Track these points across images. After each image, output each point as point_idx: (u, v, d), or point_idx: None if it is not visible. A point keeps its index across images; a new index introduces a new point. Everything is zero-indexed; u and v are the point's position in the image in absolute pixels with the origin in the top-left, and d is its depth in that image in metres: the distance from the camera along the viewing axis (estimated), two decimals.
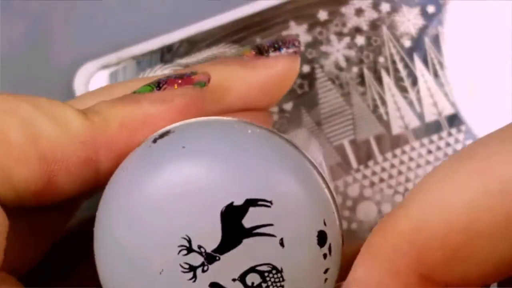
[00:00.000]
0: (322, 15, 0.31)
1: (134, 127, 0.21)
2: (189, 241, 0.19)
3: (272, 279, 0.20)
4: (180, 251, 0.19)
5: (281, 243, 0.19)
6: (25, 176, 0.19)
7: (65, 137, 0.20)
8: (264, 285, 0.20)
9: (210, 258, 0.19)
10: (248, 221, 0.19)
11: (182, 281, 0.19)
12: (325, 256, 0.20)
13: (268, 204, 0.19)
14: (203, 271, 0.19)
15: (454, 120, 0.31)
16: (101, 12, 0.31)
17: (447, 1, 0.31)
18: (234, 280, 0.19)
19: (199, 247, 0.19)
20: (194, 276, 0.19)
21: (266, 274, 0.20)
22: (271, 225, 0.19)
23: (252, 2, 0.30)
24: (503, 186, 0.17)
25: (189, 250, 0.19)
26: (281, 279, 0.20)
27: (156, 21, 0.31)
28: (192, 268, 0.19)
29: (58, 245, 0.23)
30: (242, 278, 0.19)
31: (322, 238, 0.20)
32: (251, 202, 0.19)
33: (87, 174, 0.20)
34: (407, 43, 0.31)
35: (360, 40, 0.31)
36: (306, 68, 0.31)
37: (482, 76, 0.31)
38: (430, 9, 0.31)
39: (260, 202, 0.19)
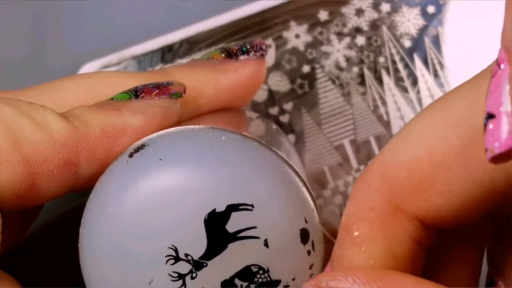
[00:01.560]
0: (323, 15, 0.31)
1: (114, 135, 0.21)
2: (176, 251, 0.19)
3: (260, 280, 0.20)
4: (167, 260, 0.20)
5: (266, 244, 0.20)
6: (9, 180, 0.20)
7: (47, 139, 0.20)
8: (252, 286, 0.20)
9: (198, 265, 0.20)
10: (231, 226, 0.20)
11: None
12: (309, 252, 0.20)
13: (250, 207, 0.20)
14: (192, 278, 0.20)
15: None
16: (102, 12, 0.31)
17: (447, 1, 0.31)
18: (223, 283, 0.20)
19: (186, 255, 0.20)
20: (184, 284, 0.20)
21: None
22: (255, 227, 0.20)
23: (252, 2, 0.31)
24: (459, 118, 0.18)
25: (177, 259, 0.20)
26: (268, 278, 0.20)
27: (156, 21, 0.31)
28: (181, 276, 0.20)
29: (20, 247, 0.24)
30: (230, 281, 0.20)
31: (304, 235, 0.20)
32: (233, 207, 0.20)
33: (67, 177, 0.21)
34: (407, 43, 0.31)
35: (361, 40, 0.31)
36: (306, 68, 0.31)
37: None
38: (430, 9, 0.31)
39: (241, 207, 0.20)
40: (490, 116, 0.16)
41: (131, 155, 0.20)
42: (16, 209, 0.20)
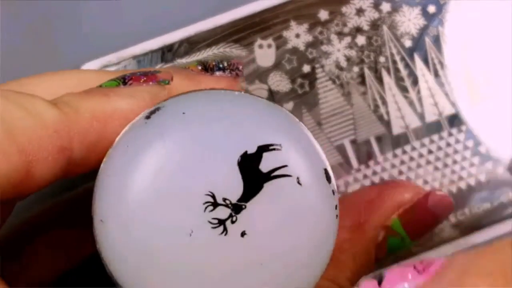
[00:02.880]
0: (323, 14, 0.31)
1: (104, 119, 0.21)
2: (213, 196, 0.19)
3: None
4: (206, 208, 0.19)
5: (298, 182, 0.20)
6: (5, 171, 0.20)
7: (40, 127, 0.20)
8: None
9: (237, 208, 0.19)
10: (264, 166, 0.20)
11: (213, 237, 0.19)
12: (333, 192, 0.21)
13: (279, 147, 0.20)
14: (232, 222, 0.19)
15: (455, 120, 0.31)
16: (101, 12, 0.31)
17: (447, 1, 0.31)
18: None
19: (224, 199, 0.19)
20: (225, 229, 0.19)
21: None
22: (286, 166, 0.20)
23: (253, 2, 0.31)
24: None
25: (215, 205, 0.19)
26: None
27: (156, 21, 0.31)
28: (221, 222, 0.19)
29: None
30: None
31: (328, 175, 0.21)
32: (263, 148, 0.20)
33: (62, 163, 0.21)
34: (408, 43, 0.31)
35: (361, 39, 0.31)
36: (306, 68, 0.31)
37: (483, 76, 0.31)
38: (431, 9, 0.31)
39: (271, 147, 0.20)
40: None
41: (148, 117, 0.20)
42: (11, 198, 0.20)
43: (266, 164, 0.20)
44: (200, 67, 0.25)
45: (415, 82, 0.31)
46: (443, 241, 0.30)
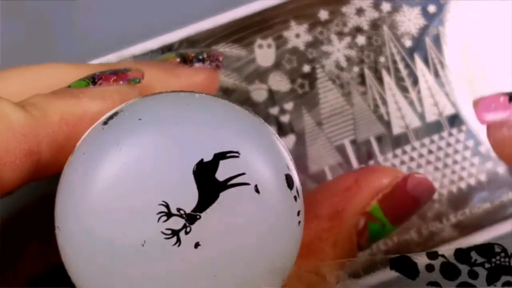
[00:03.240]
0: (323, 14, 0.31)
1: (73, 122, 0.21)
2: (167, 206, 0.19)
3: None
4: (159, 218, 0.19)
5: (256, 190, 0.19)
6: None
7: (7, 130, 0.20)
8: None
9: (191, 219, 0.19)
10: (221, 175, 0.19)
11: (166, 248, 0.19)
12: (295, 198, 0.20)
13: (236, 154, 0.19)
14: (186, 233, 0.19)
15: (455, 120, 0.31)
16: (101, 11, 0.31)
17: (447, 1, 0.31)
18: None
19: (178, 209, 0.19)
20: (178, 240, 0.19)
21: None
22: (244, 174, 0.19)
23: (252, 1, 0.30)
24: None
25: (169, 215, 0.19)
26: None
27: (156, 20, 0.31)
28: (175, 233, 0.19)
29: None
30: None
31: (289, 181, 0.20)
32: (220, 156, 0.19)
33: (30, 167, 0.21)
34: (408, 42, 0.31)
35: (361, 39, 0.31)
36: (306, 68, 0.30)
37: (483, 76, 0.31)
38: (431, 8, 0.31)
39: (228, 154, 0.19)
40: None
41: (105, 123, 0.20)
42: None
43: (223, 172, 0.19)
44: (178, 59, 0.25)
45: (415, 82, 0.31)
46: (443, 241, 0.30)
